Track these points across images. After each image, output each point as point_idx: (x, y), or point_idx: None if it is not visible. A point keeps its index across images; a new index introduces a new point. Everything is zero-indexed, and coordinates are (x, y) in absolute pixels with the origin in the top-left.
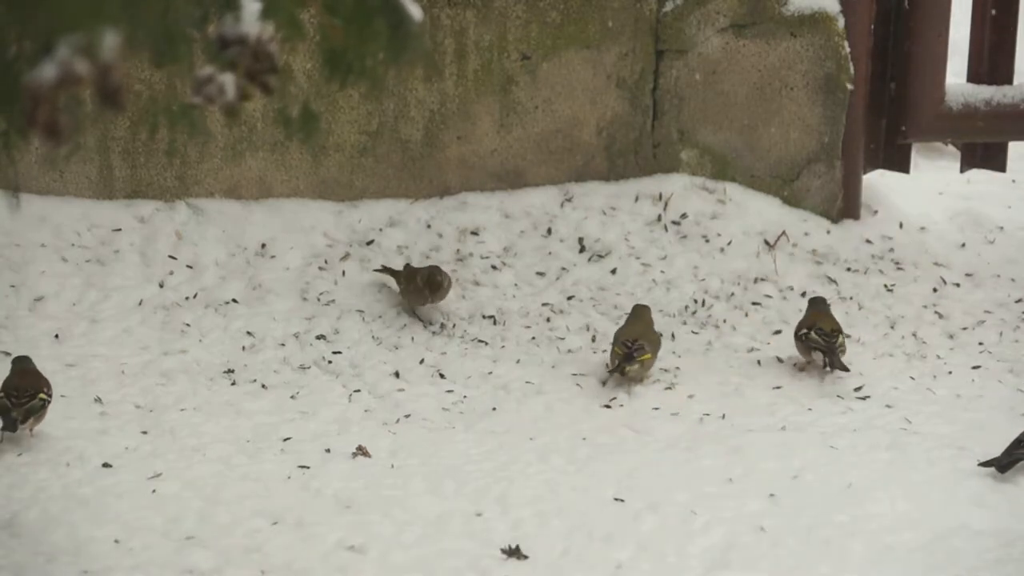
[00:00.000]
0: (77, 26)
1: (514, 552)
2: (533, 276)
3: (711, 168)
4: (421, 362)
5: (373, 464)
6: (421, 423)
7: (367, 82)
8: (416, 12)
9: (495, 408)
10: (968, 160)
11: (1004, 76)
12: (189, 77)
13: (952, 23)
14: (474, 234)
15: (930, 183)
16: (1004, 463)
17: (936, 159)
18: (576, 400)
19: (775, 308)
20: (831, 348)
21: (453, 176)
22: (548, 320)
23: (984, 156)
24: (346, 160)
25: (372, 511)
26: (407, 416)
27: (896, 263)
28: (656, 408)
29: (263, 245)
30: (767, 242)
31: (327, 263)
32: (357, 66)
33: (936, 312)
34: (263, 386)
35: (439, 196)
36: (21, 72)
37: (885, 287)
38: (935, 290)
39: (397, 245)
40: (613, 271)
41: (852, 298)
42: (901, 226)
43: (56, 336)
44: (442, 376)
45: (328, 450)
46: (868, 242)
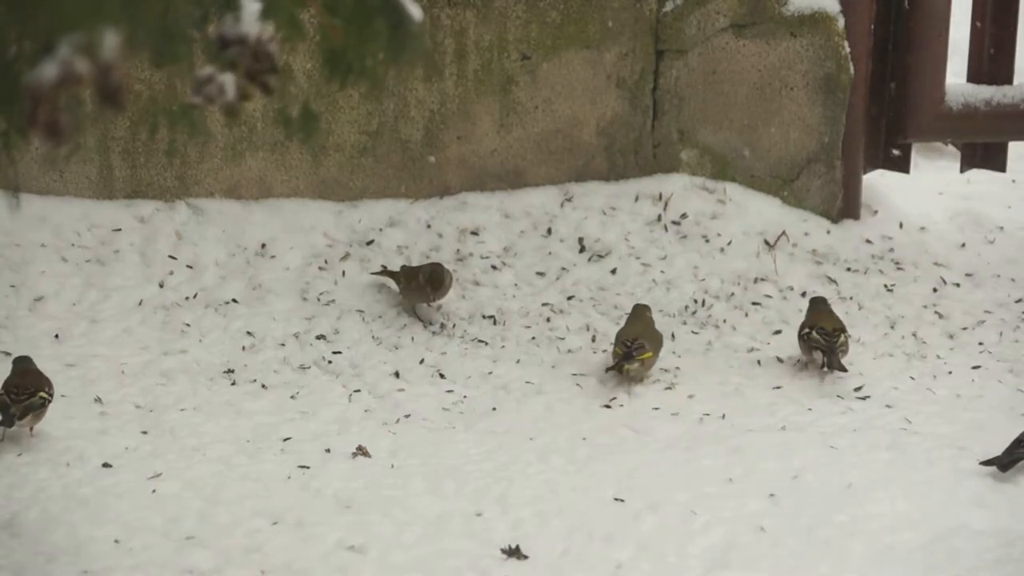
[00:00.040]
0: (77, 26)
1: (514, 552)
2: (533, 276)
3: (711, 168)
4: (421, 362)
5: (373, 464)
6: (421, 423)
7: (367, 82)
8: (416, 12)
9: (495, 408)
10: (968, 160)
11: (1004, 76)
12: (189, 77)
13: (952, 23)
14: (474, 234)
15: (930, 183)
16: (1005, 462)
17: (936, 159)
18: (576, 400)
19: (775, 308)
20: (831, 348)
21: (453, 176)
22: (548, 320)
23: (984, 156)
24: (346, 160)
25: (372, 511)
26: (407, 416)
27: (896, 263)
28: (656, 408)
29: (263, 245)
30: (767, 242)
31: (327, 263)
32: (357, 66)
33: (936, 312)
34: (263, 386)
35: (439, 196)
36: (21, 72)
37: (885, 287)
38: (935, 290)
39: (397, 245)
40: (613, 271)
41: (852, 298)
42: (901, 226)
43: (56, 336)
44: (442, 376)
45: (328, 450)
46: (868, 242)
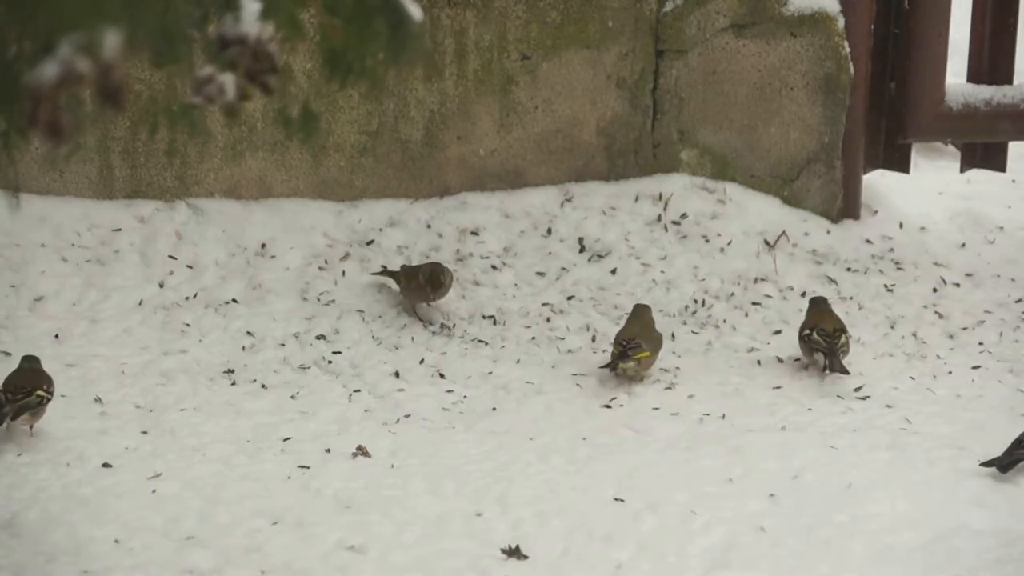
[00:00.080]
0: (78, 25)
1: (514, 552)
2: (533, 276)
3: (711, 168)
4: (421, 362)
5: (373, 464)
6: (421, 423)
7: (367, 82)
8: (416, 12)
9: (495, 408)
10: (968, 160)
11: (1004, 76)
12: (189, 77)
13: (952, 23)
14: (474, 234)
15: (930, 183)
16: (1005, 463)
17: (936, 159)
18: (576, 400)
19: (775, 308)
20: (832, 349)
21: (453, 176)
22: (548, 320)
23: (984, 156)
24: (346, 160)
25: (372, 511)
26: (407, 416)
27: (896, 263)
28: (656, 408)
29: (263, 245)
30: (767, 242)
31: (327, 263)
32: (357, 66)
33: (936, 312)
34: (263, 386)
35: (439, 196)
36: (21, 72)
37: (885, 287)
38: (935, 290)
39: (397, 245)
40: (613, 271)
41: (852, 298)
42: (901, 226)
43: (56, 336)
44: (442, 376)
45: (328, 450)
46: (868, 242)
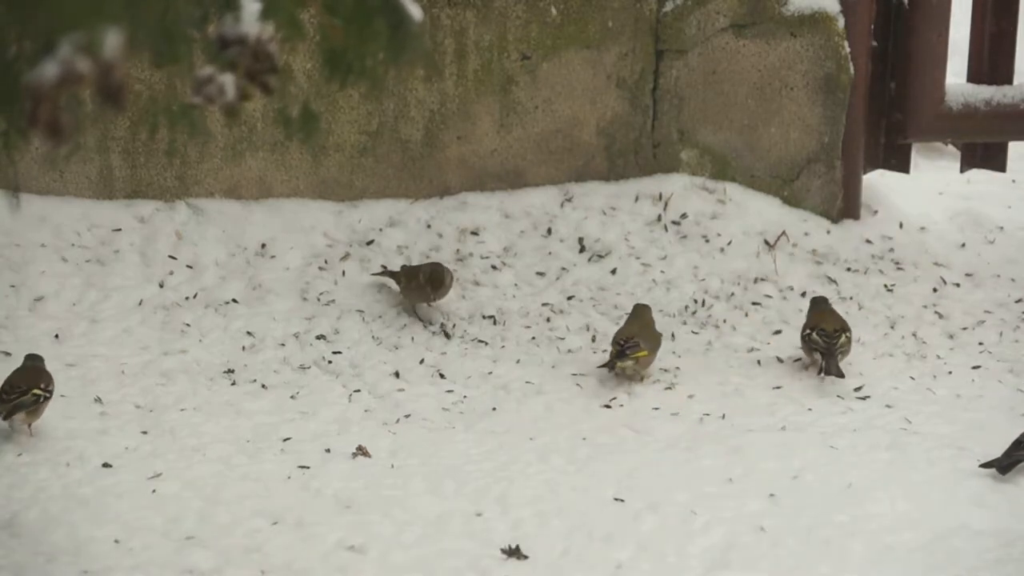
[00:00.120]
0: (78, 25)
1: (514, 552)
2: (533, 276)
3: (711, 168)
4: (421, 362)
5: (373, 464)
6: (421, 423)
7: (367, 82)
8: (416, 12)
9: (495, 408)
10: (968, 160)
11: (1004, 76)
12: (189, 77)
13: (952, 23)
14: (474, 234)
15: (930, 183)
16: (1004, 464)
17: (936, 159)
18: (576, 400)
19: (775, 308)
20: (830, 350)
21: (453, 176)
22: (548, 320)
23: (984, 156)
24: (346, 160)
25: (372, 511)
26: (407, 416)
27: (896, 263)
28: (656, 408)
29: (263, 245)
30: (767, 242)
31: (327, 263)
32: (357, 66)
33: (936, 312)
34: (263, 386)
35: (439, 196)
36: (21, 72)
37: (885, 287)
38: (935, 290)
39: (397, 245)
40: (613, 271)
41: (852, 298)
42: (901, 226)
43: (56, 336)
44: (442, 376)
45: (328, 450)
46: (868, 242)
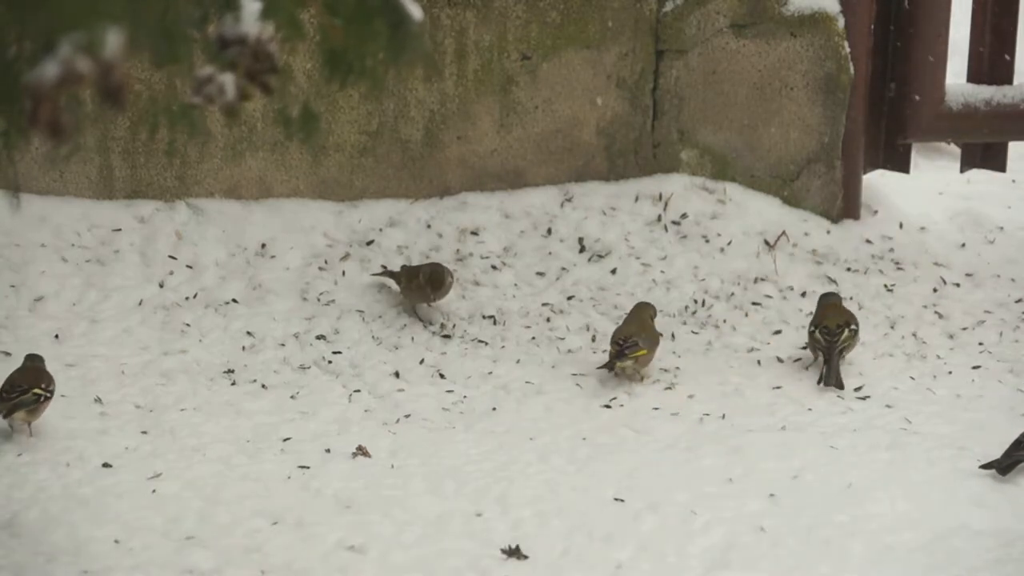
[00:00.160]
0: (78, 25)
1: (514, 552)
2: (533, 276)
3: (711, 168)
4: (421, 362)
5: (373, 464)
6: (421, 423)
7: (367, 82)
8: (416, 12)
9: (495, 408)
10: (968, 160)
11: (1004, 76)
12: (189, 77)
13: (952, 23)
14: (474, 234)
15: (930, 183)
16: (1004, 465)
17: (936, 159)
18: (576, 400)
19: (775, 308)
20: (831, 351)
21: (453, 176)
22: (548, 320)
23: (984, 156)
24: (346, 160)
25: (372, 511)
26: (407, 416)
27: (896, 263)
28: (656, 408)
29: (263, 245)
30: (767, 242)
31: (327, 263)
32: (357, 66)
33: (936, 312)
34: (263, 386)
35: (439, 196)
36: (22, 71)
37: (885, 287)
38: (935, 290)
39: (397, 245)
40: (613, 271)
41: (852, 298)
42: (901, 226)
43: (56, 336)
44: (442, 376)
45: (328, 450)
46: (868, 242)
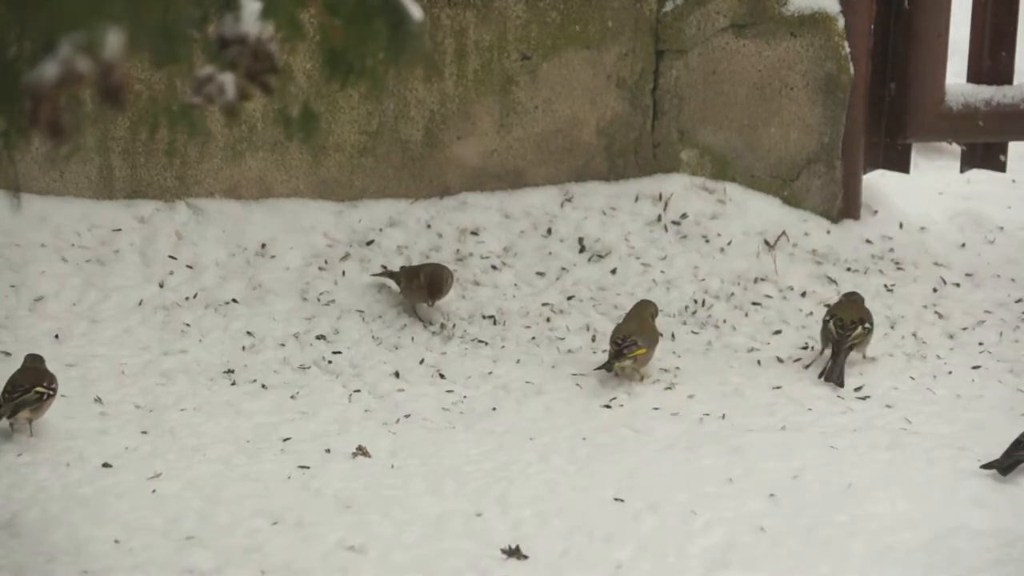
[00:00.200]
0: (78, 25)
1: (514, 552)
2: (533, 276)
3: (711, 168)
4: (421, 362)
5: (373, 464)
6: (421, 423)
7: (367, 82)
8: (416, 12)
9: (495, 408)
10: (968, 160)
11: (1004, 76)
12: (189, 77)
13: (952, 23)
14: (474, 234)
15: (930, 183)
16: (1005, 465)
17: (936, 159)
18: (576, 400)
19: (775, 308)
20: (840, 347)
21: (453, 176)
22: (548, 320)
23: (984, 156)
24: (346, 160)
25: (372, 511)
26: (407, 416)
27: (896, 263)
28: (656, 408)
29: (263, 245)
30: (767, 242)
31: (327, 263)
32: (357, 66)
33: (936, 312)
34: (263, 386)
35: (439, 196)
36: (22, 72)
37: (885, 287)
38: (935, 290)
39: (397, 245)
40: (613, 271)
41: None
42: (901, 226)
43: (56, 336)
44: (442, 376)
45: (328, 450)
46: (868, 242)
